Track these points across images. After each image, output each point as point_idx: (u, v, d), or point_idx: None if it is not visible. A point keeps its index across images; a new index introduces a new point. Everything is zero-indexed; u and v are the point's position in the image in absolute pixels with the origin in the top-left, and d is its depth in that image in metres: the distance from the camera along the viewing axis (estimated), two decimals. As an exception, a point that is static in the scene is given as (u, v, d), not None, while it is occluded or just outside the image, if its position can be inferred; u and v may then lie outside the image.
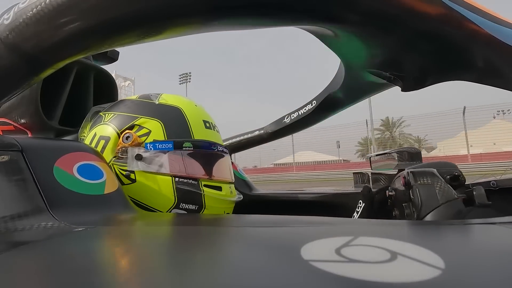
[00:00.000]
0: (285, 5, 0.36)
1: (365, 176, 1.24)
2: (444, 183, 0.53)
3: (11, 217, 0.38)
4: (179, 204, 0.60)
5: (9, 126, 0.76)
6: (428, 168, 0.58)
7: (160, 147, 0.60)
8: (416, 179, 0.54)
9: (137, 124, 0.62)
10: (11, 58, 0.39)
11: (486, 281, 0.18)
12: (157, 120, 0.62)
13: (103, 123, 0.64)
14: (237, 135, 1.28)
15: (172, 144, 0.60)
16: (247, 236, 0.32)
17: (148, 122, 0.62)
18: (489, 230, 0.30)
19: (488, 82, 0.45)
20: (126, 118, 0.63)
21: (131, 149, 0.60)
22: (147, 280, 0.21)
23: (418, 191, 0.52)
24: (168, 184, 0.59)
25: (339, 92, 0.85)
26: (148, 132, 0.61)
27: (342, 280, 0.18)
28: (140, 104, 0.66)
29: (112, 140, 0.61)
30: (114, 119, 0.64)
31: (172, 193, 0.60)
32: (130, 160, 0.60)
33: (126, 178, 0.60)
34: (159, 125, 0.62)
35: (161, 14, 0.35)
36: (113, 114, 0.65)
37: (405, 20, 0.39)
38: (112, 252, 0.30)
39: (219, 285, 0.20)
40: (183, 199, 0.60)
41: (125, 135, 0.61)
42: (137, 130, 0.61)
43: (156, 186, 0.60)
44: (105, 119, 0.65)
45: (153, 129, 0.61)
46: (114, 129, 0.62)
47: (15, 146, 0.45)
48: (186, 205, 0.60)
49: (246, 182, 1.06)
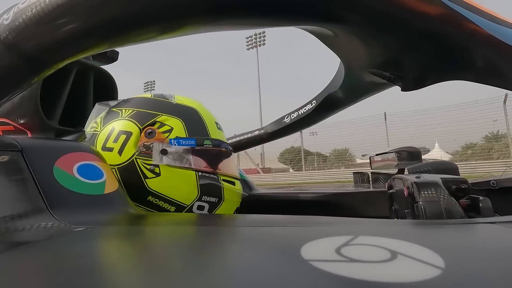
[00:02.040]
0: (285, 5, 0.36)
1: (365, 176, 1.24)
2: (449, 197, 0.52)
3: (11, 217, 0.38)
4: (202, 196, 0.64)
5: (9, 126, 0.76)
6: (432, 179, 0.56)
7: (184, 143, 0.64)
8: (421, 192, 0.53)
9: (159, 121, 0.64)
10: (11, 58, 0.39)
11: (486, 281, 0.18)
12: (178, 119, 0.65)
13: (121, 118, 0.65)
14: (237, 135, 1.28)
15: (195, 141, 0.65)
16: (247, 235, 0.32)
17: (169, 119, 0.65)
18: (489, 229, 0.30)
19: (488, 82, 0.45)
20: (147, 115, 0.65)
21: (156, 144, 0.63)
22: (147, 280, 0.21)
23: (423, 209, 0.51)
24: (192, 178, 0.63)
25: (339, 92, 0.85)
26: (170, 129, 0.64)
27: (342, 279, 0.18)
28: (159, 102, 0.68)
29: (135, 135, 0.63)
30: (134, 115, 0.65)
31: (195, 187, 0.63)
32: (155, 154, 0.62)
33: (151, 172, 0.62)
34: (180, 123, 0.65)
35: (162, 14, 0.35)
36: (132, 110, 0.66)
37: (405, 20, 0.39)
38: (112, 252, 0.30)
39: (219, 284, 0.20)
40: (205, 192, 0.64)
41: (147, 131, 0.64)
42: (159, 127, 0.64)
43: (181, 180, 0.63)
44: (123, 114, 0.66)
45: (175, 126, 0.65)
46: (136, 125, 0.64)
47: (15, 146, 0.45)
48: (208, 198, 0.65)
49: (246, 182, 1.06)
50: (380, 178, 1.11)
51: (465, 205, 0.55)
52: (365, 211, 0.93)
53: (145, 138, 0.63)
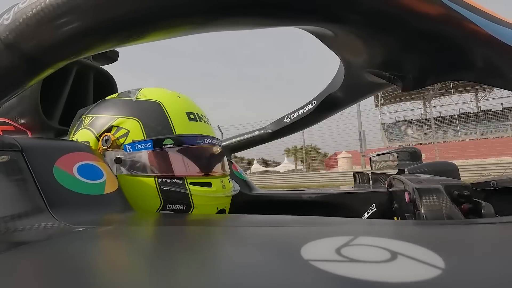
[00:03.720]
0: (285, 5, 0.36)
1: (365, 176, 1.24)
2: (451, 205, 0.52)
3: (11, 217, 0.38)
4: (166, 205, 0.58)
5: (9, 126, 0.76)
6: (434, 185, 0.56)
7: (139, 147, 0.57)
8: (422, 198, 0.53)
9: (114, 125, 0.59)
10: (11, 58, 0.39)
11: (486, 281, 0.18)
12: (135, 119, 0.59)
13: (83, 128, 0.63)
14: (237, 135, 1.29)
15: (152, 143, 0.57)
16: (247, 236, 0.32)
17: (125, 121, 0.59)
18: (489, 230, 0.30)
19: (488, 82, 0.45)
20: (104, 120, 0.60)
21: (108, 153, 0.58)
22: (147, 280, 0.21)
23: (425, 217, 0.51)
24: (151, 186, 0.57)
25: (339, 92, 0.85)
26: (127, 133, 0.58)
27: (342, 280, 0.18)
28: (117, 103, 0.63)
29: (92, 145, 0.59)
30: (92, 122, 0.62)
31: (157, 195, 0.57)
32: (110, 164, 0.57)
33: None
34: (137, 124, 0.58)
35: (162, 14, 0.35)
36: (91, 117, 0.63)
37: (405, 20, 0.39)
38: (112, 252, 0.30)
39: (219, 285, 0.20)
40: (169, 200, 0.57)
41: (104, 138, 0.59)
42: (115, 132, 0.59)
43: (140, 189, 0.57)
44: (84, 123, 0.63)
45: (131, 128, 0.58)
46: (92, 133, 0.60)
47: (15, 146, 0.45)
48: (173, 206, 0.58)
49: (246, 182, 1.06)
50: (380, 178, 1.12)
51: (467, 209, 0.55)
52: (365, 211, 0.93)
53: (102, 147, 0.58)
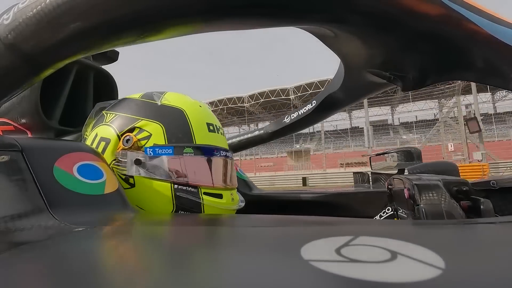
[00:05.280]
0: (285, 5, 0.36)
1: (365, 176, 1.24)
2: (450, 200, 0.52)
3: (11, 217, 0.38)
4: (178, 211, 0.59)
5: (9, 126, 0.76)
6: (433, 181, 0.56)
7: (160, 152, 0.58)
8: (421, 194, 0.53)
9: (137, 126, 0.60)
10: (11, 58, 0.39)
11: (486, 281, 0.18)
12: (158, 123, 0.60)
13: (104, 124, 0.63)
14: (237, 135, 1.29)
15: (172, 150, 0.58)
16: (247, 236, 0.32)
17: (149, 124, 0.60)
18: (489, 230, 0.30)
19: (488, 82, 0.45)
20: (127, 120, 0.61)
21: (130, 153, 0.59)
22: (147, 281, 0.21)
23: (424, 211, 0.51)
24: (167, 191, 0.58)
25: (339, 92, 0.85)
26: (149, 136, 0.59)
27: (342, 280, 0.18)
28: (142, 104, 0.64)
29: (113, 143, 0.60)
30: (115, 120, 0.62)
31: (171, 200, 0.58)
32: (129, 164, 0.58)
33: (125, 182, 0.59)
34: (160, 128, 0.60)
35: (161, 14, 0.35)
36: (114, 114, 0.64)
37: (405, 20, 0.39)
38: (112, 252, 0.30)
39: (219, 285, 0.20)
40: (181, 206, 0.58)
41: (125, 138, 0.60)
42: (138, 133, 0.60)
43: (155, 192, 0.58)
44: (106, 119, 0.64)
45: (153, 132, 0.59)
46: (114, 131, 0.61)
47: (15, 146, 0.45)
48: (184, 213, 0.59)
49: (246, 182, 1.06)
50: (380, 178, 1.12)
51: (466, 207, 0.55)
52: (365, 211, 0.93)
53: (123, 146, 0.60)
